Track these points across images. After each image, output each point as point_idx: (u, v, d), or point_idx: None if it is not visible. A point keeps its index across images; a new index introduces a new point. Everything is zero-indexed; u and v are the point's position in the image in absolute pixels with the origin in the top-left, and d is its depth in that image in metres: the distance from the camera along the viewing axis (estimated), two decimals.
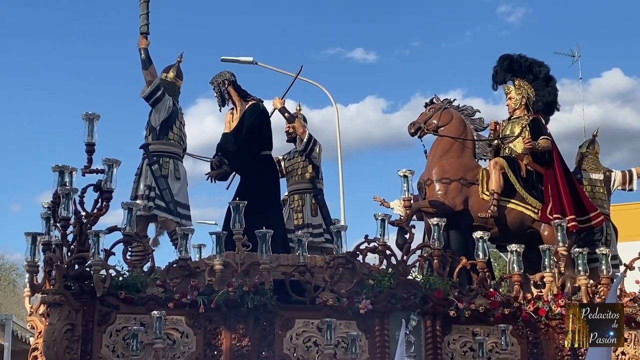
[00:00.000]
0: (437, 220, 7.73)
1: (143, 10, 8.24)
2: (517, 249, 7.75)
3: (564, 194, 9.07)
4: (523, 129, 9.43)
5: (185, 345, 6.80)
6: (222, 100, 8.79)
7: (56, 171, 7.01)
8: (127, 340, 6.56)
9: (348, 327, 7.09)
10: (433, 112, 9.50)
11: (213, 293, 6.79)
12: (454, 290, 7.51)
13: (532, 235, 8.96)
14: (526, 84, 9.80)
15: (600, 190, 9.97)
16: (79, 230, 6.66)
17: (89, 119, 6.99)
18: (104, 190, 6.78)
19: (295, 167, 9.64)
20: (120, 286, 6.69)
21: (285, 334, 7.02)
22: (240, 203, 7.19)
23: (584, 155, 10.29)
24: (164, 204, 8.06)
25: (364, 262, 7.46)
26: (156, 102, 8.22)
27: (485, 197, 8.97)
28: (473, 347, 7.41)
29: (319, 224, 9.43)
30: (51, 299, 6.40)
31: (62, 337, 6.33)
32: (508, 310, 7.55)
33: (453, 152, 9.25)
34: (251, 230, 7.13)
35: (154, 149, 8.23)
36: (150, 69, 8.24)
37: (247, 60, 15.59)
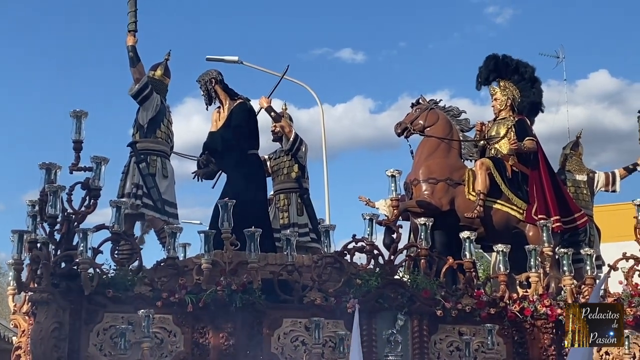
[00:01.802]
0: (424, 220, 7.75)
1: (131, 8, 8.21)
2: (504, 249, 7.80)
3: (548, 194, 9.14)
4: (508, 130, 9.50)
5: (172, 344, 6.79)
6: (208, 98, 8.77)
7: (43, 168, 6.96)
8: (114, 339, 6.52)
9: (336, 326, 7.11)
10: (419, 112, 9.54)
11: (201, 292, 6.78)
12: (441, 290, 7.55)
13: (518, 236, 9.02)
14: (511, 85, 9.87)
15: (583, 192, 10.07)
16: (67, 228, 6.62)
17: (77, 116, 6.95)
18: (92, 188, 6.75)
19: (281, 166, 9.64)
20: (108, 285, 6.66)
21: (273, 333, 7.03)
22: (229, 202, 7.18)
23: (568, 156, 10.38)
24: (151, 202, 8.03)
25: (351, 262, 7.47)
26: (144, 99, 8.19)
27: (472, 198, 9.02)
28: (459, 346, 7.45)
29: (304, 224, 9.43)
30: (38, 297, 6.37)
31: (50, 336, 6.28)
32: (494, 310, 7.60)
33: (439, 153, 9.30)
34: (238, 229, 7.14)
35: (141, 147, 8.20)
36: (138, 66, 8.20)
37: (233, 60, 15.58)
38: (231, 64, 15.51)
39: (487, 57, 10.06)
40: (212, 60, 15.05)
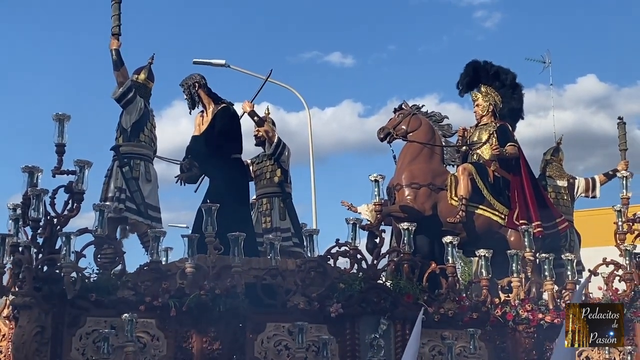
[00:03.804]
0: (407, 225, 7.79)
1: (115, 11, 8.17)
2: (486, 254, 7.85)
3: (530, 200, 9.23)
4: (490, 136, 9.57)
5: (155, 348, 6.76)
6: (192, 102, 8.76)
7: (26, 172, 6.93)
8: (97, 343, 6.49)
9: (319, 330, 7.12)
10: (402, 117, 9.57)
11: (184, 296, 6.76)
12: (424, 294, 7.58)
13: (499, 241, 9.07)
14: (493, 91, 9.94)
15: (564, 197, 10.15)
16: (50, 231, 6.59)
17: (59, 119, 6.93)
18: (75, 191, 6.72)
19: (263, 170, 9.64)
20: (91, 289, 6.63)
21: (257, 337, 7.03)
22: (212, 206, 7.18)
23: (548, 162, 10.47)
24: (134, 206, 8.00)
25: (335, 266, 7.49)
26: (127, 103, 8.16)
27: (454, 203, 9.07)
28: (442, 350, 7.49)
29: (287, 228, 9.44)
30: (21, 301, 6.33)
31: (32, 340, 6.25)
32: (476, 314, 7.64)
33: (422, 158, 9.34)
34: (220, 234, 7.13)
35: (125, 151, 8.18)
36: (122, 70, 8.18)
37: (219, 63, 15.49)
38: (218, 67, 15.47)
39: (467, 63, 10.15)
40: (199, 64, 15.00)
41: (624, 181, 9.38)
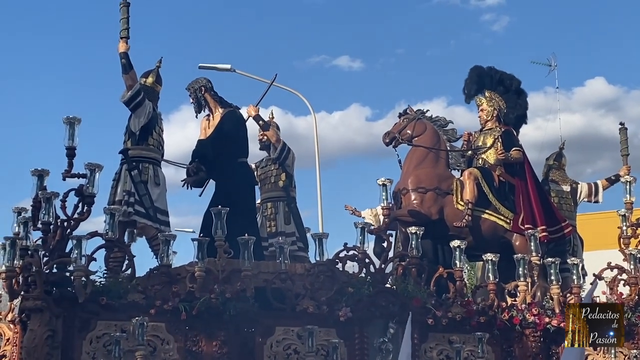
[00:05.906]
0: (415, 229, 7.81)
1: (123, 14, 8.16)
2: (493, 258, 7.88)
3: (535, 204, 9.26)
4: (495, 141, 9.60)
5: (165, 352, 6.76)
6: (198, 106, 8.81)
7: (35, 175, 6.93)
8: (107, 347, 6.50)
9: (328, 334, 7.12)
10: (407, 122, 9.62)
11: (194, 300, 6.76)
12: (431, 298, 7.60)
13: (504, 245, 9.10)
14: (497, 95, 9.98)
15: (567, 202, 10.19)
16: (60, 235, 6.58)
17: (70, 122, 6.93)
18: (86, 195, 6.71)
19: (268, 174, 9.65)
20: (102, 292, 6.62)
21: (266, 341, 7.03)
22: (222, 209, 7.18)
23: (551, 167, 10.51)
24: (143, 210, 7.98)
25: (343, 270, 7.50)
26: (136, 107, 8.15)
27: (460, 207, 9.10)
28: (450, 354, 7.50)
29: (292, 232, 9.45)
30: (32, 304, 6.32)
31: (43, 344, 6.25)
32: (484, 318, 7.66)
33: (427, 162, 9.38)
34: (227, 237, 7.13)
35: (133, 154, 8.16)
36: (130, 73, 8.16)
37: (225, 68, 15.52)
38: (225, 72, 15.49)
39: (470, 69, 10.19)
40: (205, 68, 15.00)
41: (628, 186, 9.45)
